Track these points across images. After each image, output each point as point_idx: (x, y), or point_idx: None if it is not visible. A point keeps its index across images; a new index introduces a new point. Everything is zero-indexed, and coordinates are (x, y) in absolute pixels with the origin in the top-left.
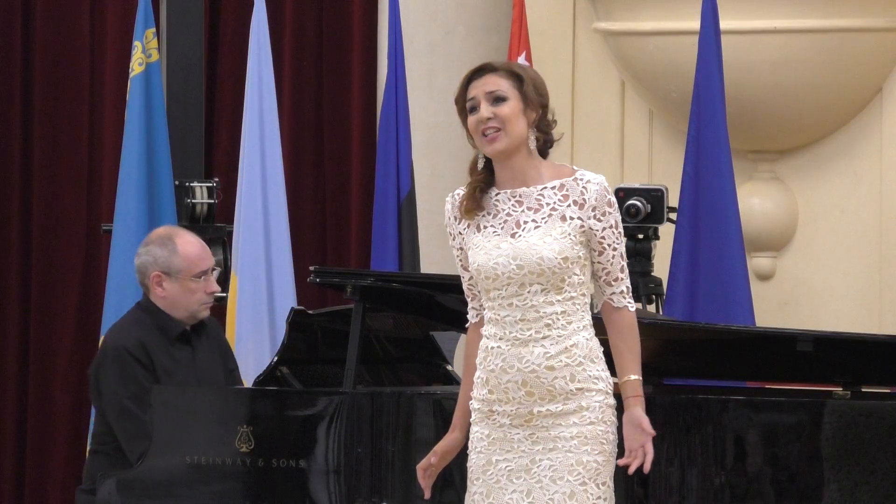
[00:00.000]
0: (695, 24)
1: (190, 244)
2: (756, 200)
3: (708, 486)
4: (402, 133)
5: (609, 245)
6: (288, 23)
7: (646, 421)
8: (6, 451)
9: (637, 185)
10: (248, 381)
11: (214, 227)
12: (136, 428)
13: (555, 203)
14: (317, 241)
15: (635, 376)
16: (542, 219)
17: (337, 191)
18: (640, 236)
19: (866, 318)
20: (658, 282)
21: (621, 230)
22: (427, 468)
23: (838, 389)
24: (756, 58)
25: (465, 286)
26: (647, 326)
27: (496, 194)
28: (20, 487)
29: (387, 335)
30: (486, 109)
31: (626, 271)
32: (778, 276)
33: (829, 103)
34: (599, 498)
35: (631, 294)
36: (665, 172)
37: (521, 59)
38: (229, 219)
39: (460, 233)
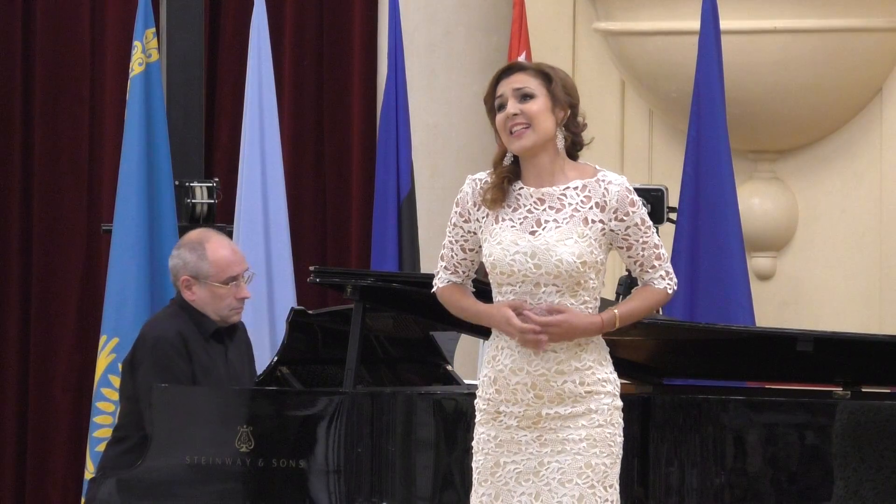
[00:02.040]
0: (695, 24)
1: (220, 249)
2: (756, 200)
3: (708, 486)
4: (402, 133)
5: (636, 241)
6: (288, 23)
7: (571, 323)
8: (6, 450)
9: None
10: None
11: (214, 227)
12: None
13: (577, 204)
14: (317, 241)
15: (617, 311)
16: (564, 219)
17: (337, 191)
18: None
19: (866, 318)
20: None
21: (649, 223)
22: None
23: (838, 389)
24: (756, 58)
25: (453, 261)
26: (647, 326)
27: (519, 188)
28: (20, 487)
29: (387, 335)
30: (513, 106)
31: (665, 257)
32: (778, 276)
33: (829, 103)
34: (607, 501)
35: (671, 277)
36: (665, 172)
37: (521, 59)
38: (229, 219)
39: (477, 219)
